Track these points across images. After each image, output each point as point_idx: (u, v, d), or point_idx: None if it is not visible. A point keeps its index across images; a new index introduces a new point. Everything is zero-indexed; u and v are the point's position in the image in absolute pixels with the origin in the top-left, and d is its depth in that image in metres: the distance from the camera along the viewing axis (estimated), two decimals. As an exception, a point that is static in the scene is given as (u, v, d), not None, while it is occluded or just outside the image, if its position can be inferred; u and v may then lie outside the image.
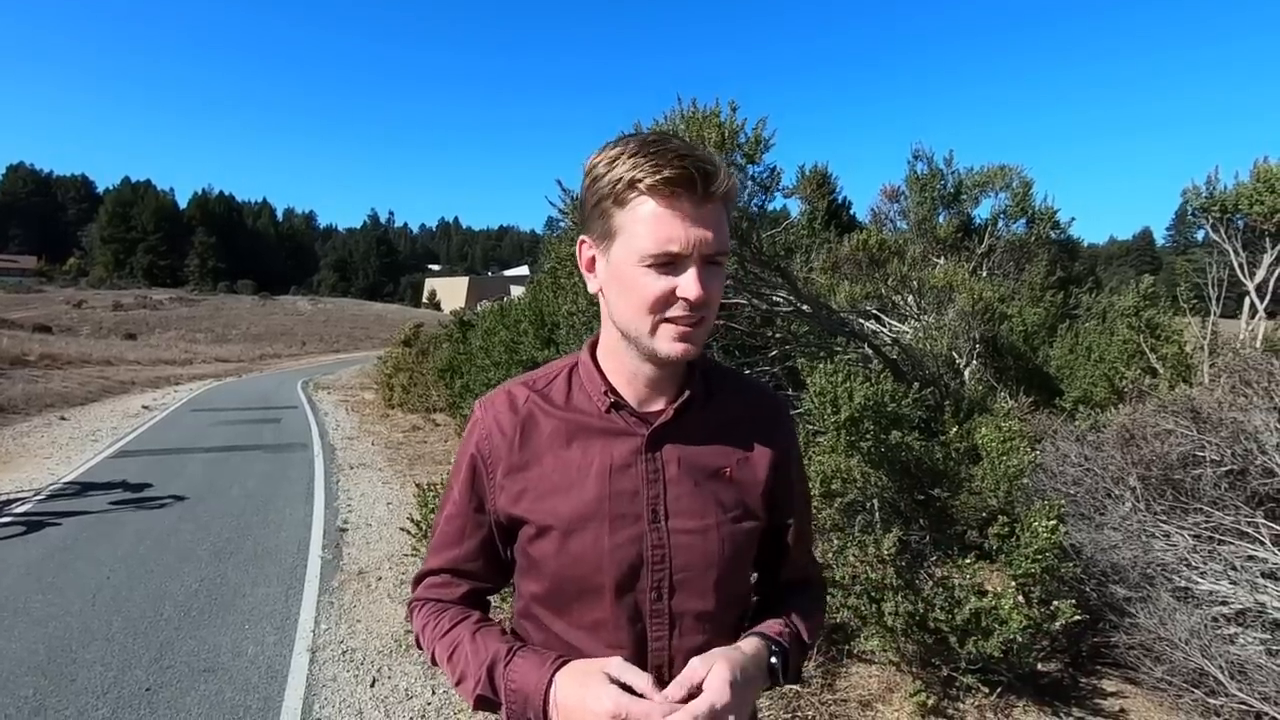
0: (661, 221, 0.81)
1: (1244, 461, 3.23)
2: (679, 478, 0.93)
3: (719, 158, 0.84)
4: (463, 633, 0.94)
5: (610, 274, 0.88)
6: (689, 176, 0.80)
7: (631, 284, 0.85)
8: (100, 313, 47.96)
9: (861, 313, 7.07)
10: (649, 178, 0.80)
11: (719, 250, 0.84)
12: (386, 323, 53.30)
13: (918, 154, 9.76)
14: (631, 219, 0.83)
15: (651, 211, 0.81)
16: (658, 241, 0.81)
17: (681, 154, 0.80)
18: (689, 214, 0.81)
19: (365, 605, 4.31)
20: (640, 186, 0.81)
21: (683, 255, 0.82)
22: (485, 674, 0.88)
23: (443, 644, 0.95)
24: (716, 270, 0.86)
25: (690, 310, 0.83)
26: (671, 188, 0.80)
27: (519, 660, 0.88)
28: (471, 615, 0.98)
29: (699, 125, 4.13)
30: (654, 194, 0.81)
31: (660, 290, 0.83)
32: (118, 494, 6.79)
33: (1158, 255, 73.31)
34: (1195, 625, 2.85)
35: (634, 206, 0.83)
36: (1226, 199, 5.47)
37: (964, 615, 2.87)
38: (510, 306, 9.23)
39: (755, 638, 0.94)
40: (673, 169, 0.79)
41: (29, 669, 3.38)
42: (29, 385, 14.57)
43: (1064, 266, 10.09)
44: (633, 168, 0.81)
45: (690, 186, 0.80)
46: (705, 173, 0.80)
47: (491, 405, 0.99)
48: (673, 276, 0.83)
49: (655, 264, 0.82)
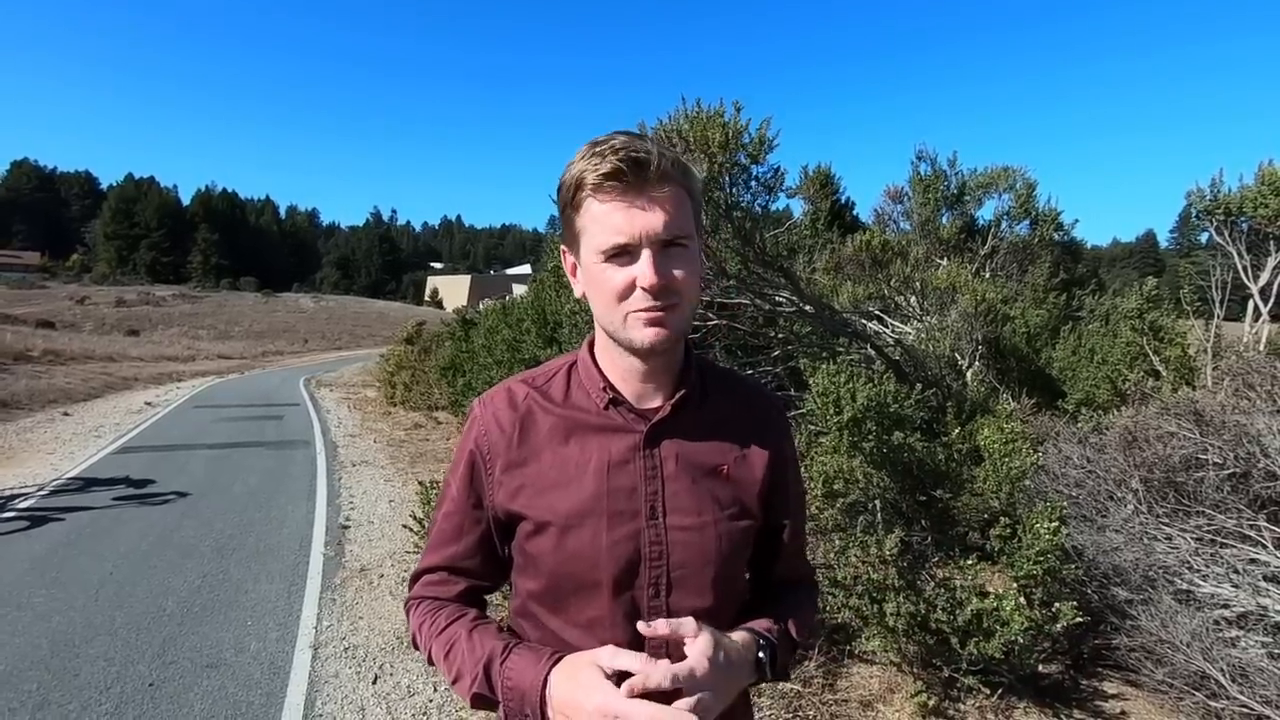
0: (607, 216, 0.84)
1: (1247, 465, 3.22)
2: (677, 474, 0.94)
3: (655, 145, 0.85)
4: (459, 630, 0.94)
5: (584, 275, 0.91)
6: (621, 169, 0.82)
7: (597, 280, 0.87)
8: (103, 309, 48.06)
9: (864, 313, 7.08)
10: (590, 176, 0.83)
11: (676, 234, 0.85)
12: (389, 320, 53.38)
13: (921, 155, 9.74)
14: (587, 219, 0.86)
15: (599, 208, 0.85)
16: (606, 235, 0.84)
17: (617, 148, 0.82)
18: (633, 204, 0.83)
19: (367, 602, 4.32)
20: (586, 187, 0.85)
21: (633, 245, 0.84)
22: (482, 672, 0.88)
23: (439, 642, 0.95)
24: (680, 252, 0.86)
25: (653, 297, 0.84)
26: (610, 182, 0.83)
27: (515, 657, 0.87)
28: (468, 613, 0.98)
29: (703, 125, 4.13)
30: (597, 192, 0.84)
31: (620, 282, 0.85)
32: (120, 490, 6.81)
33: (1161, 257, 73.24)
34: (1197, 628, 2.85)
35: (586, 207, 0.86)
36: (1231, 201, 5.46)
37: (965, 616, 2.87)
38: (513, 305, 9.24)
39: (744, 632, 0.94)
40: (608, 164, 0.82)
41: (32, 663, 3.40)
42: (32, 381, 14.62)
43: (1067, 268, 10.07)
44: (580, 171, 0.85)
45: (625, 177, 0.82)
46: (637, 161, 0.82)
47: (490, 402, 1.00)
48: (630, 267, 0.84)
49: (610, 257, 0.85)
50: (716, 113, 4.17)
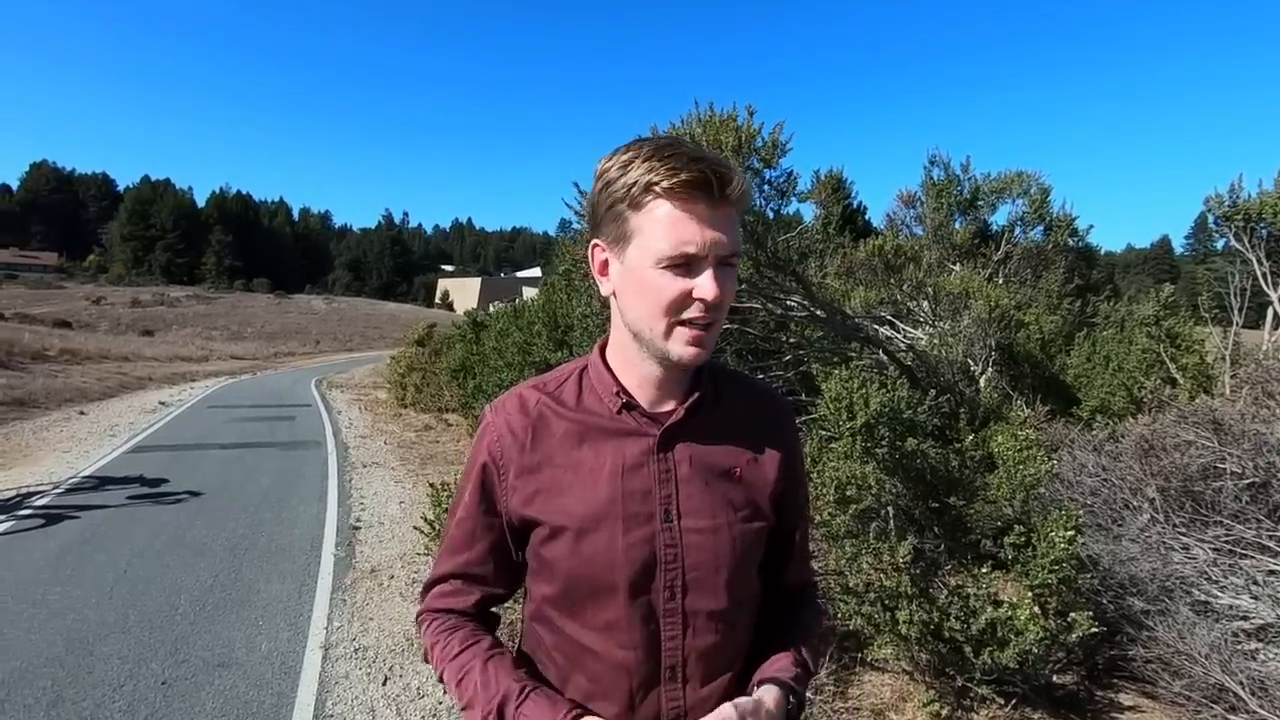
0: (678, 224, 0.82)
1: (1266, 475, 3.18)
2: (690, 477, 0.94)
3: (732, 162, 0.86)
4: (473, 660, 0.93)
5: (625, 277, 0.89)
6: (705, 180, 0.81)
7: (648, 286, 0.85)
8: (119, 309, 48.60)
9: (876, 318, 7.04)
10: (665, 180, 0.81)
11: (733, 252, 0.85)
12: (400, 322, 53.60)
13: (934, 160, 9.71)
14: (648, 221, 0.84)
15: (668, 214, 0.82)
16: (675, 244, 0.82)
17: (695, 157, 0.81)
18: (704, 216, 0.82)
19: (377, 603, 4.33)
20: (656, 189, 0.82)
21: (699, 257, 0.83)
22: (495, 711, 0.87)
23: (452, 668, 0.94)
24: (730, 272, 0.87)
25: (705, 311, 0.84)
26: (688, 190, 0.81)
27: (530, 703, 0.87)
28: (483, 640, 0.97)
29: (716, 129, 4.13)
30: (670, 197, 0.82)
31: (677, 292, 0.84)
32: (134, 489, 6.87)
33: (1176, 264, 72.55)
34: (1215, 640, 2.81)
35: (650, 209, 0.83)
36: (1250, 208, 5.39)
37: (979, 625, 2.84)
38: (523, 308, 9.26)
39: (774, 687, 0.93)
40: (689, 172, 0.80)
41: (47, 660, 3.43)
42: (49, 380, 14.80)
43: (1081, 274, 9.99)
44: (648, 171, 0.82)
45: (706, 189, 0.81)
46: (721, 176, 0.81)
47: (502, 409, 1.00)
48: (689, 278, 0.84)
49: (671, 266, 0.83)
50: (729, 117, 4.17)
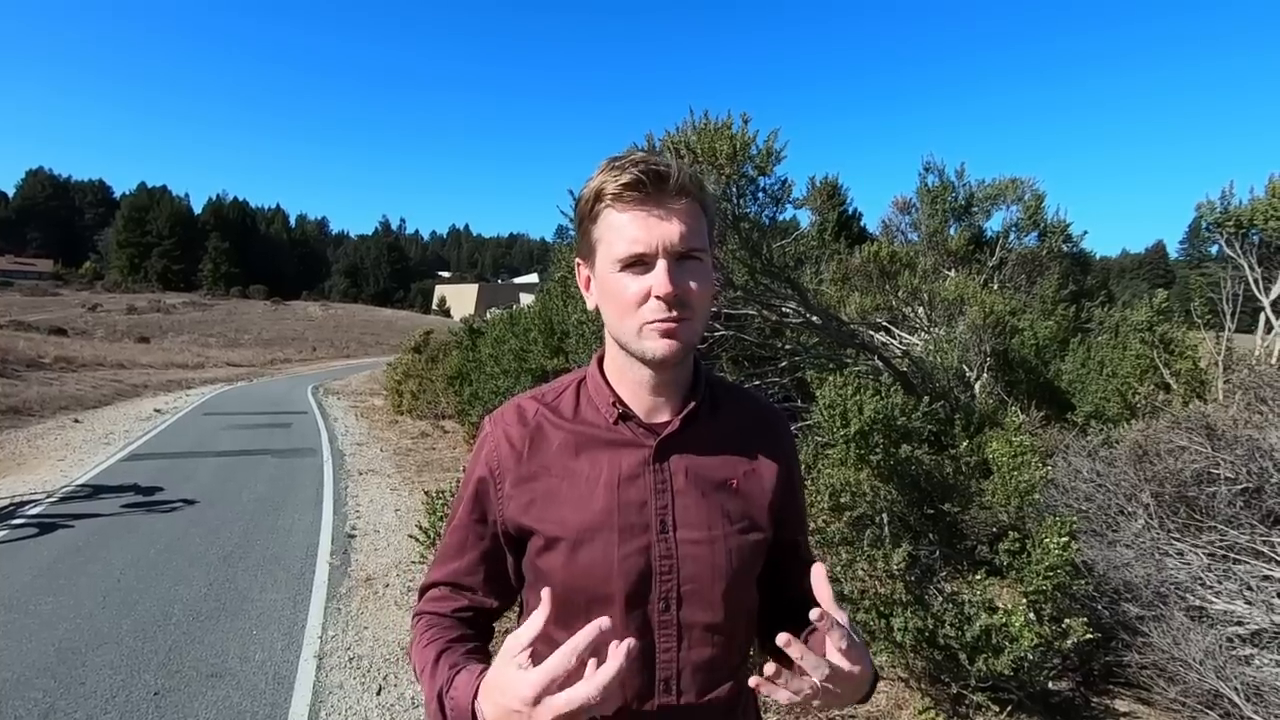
0: (626, 225, 0.86)
1: (1259, 479, 3.19)
2: (686, 488, 0.94)
3: (676, 160, 0.89)
4: (431, 654, 0.92)
5: (598, 286, 0.93)
6: (642, 179, 0.84)
7: (612, 290, 0.89)
8: (114, 316, 48.44)
9: (871, 325, 7.06)
10: (610, 186, 0.86)
11: (692, 246, 0.87)
12: (396, 329, 53.56)
13: (929, 166, 9.77)
14: (604, 228, 0.88)
15: (616, 218, 0.87)
16: (625, 244, 0.86)
17: (637, 161, 0.85)
18: (651, 214, 0.85)
19: (372, 612, 4.31)
20: (605, 198, 0.87)
21: (650, 254, 0.85)
22: (437, 700, 0.86)
23: (418, 665, 0.93)
24: (694, 265, 0.88)
25: (668, 308, 0.85)
26: (630, 192, 0.85)
27: (458, 679, 0.85)
28: (444, 636, 0.96)
29: (710, 137, 4.15)
30: (616, 202, 0.87)
31: (636, 291, 0.86)
32: (129, 497, 6.84)
33: (1171, 269, 72.74)
34: (1210, 646, 2.82)
35: (604, 218, 0.88)
36: (1241, 214, 5.43)
37: (974, 632, 2.84)
38: (520, 315, 9.26)
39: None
40: (629, 175, 0.84)
41: (39, 670, 3.41)
42: (44, 388, 14.73)
43: (1076, 280, 10.05)
44: (599, 183, 0.87)
45: (644, 187, 0.85)
46: (657, 173, 0.85)
47: (501, 419, 1.00)
48: (645, 277, 0.86)
49: (627, 266, 0.86)
50: (724, 125, 4.19)
